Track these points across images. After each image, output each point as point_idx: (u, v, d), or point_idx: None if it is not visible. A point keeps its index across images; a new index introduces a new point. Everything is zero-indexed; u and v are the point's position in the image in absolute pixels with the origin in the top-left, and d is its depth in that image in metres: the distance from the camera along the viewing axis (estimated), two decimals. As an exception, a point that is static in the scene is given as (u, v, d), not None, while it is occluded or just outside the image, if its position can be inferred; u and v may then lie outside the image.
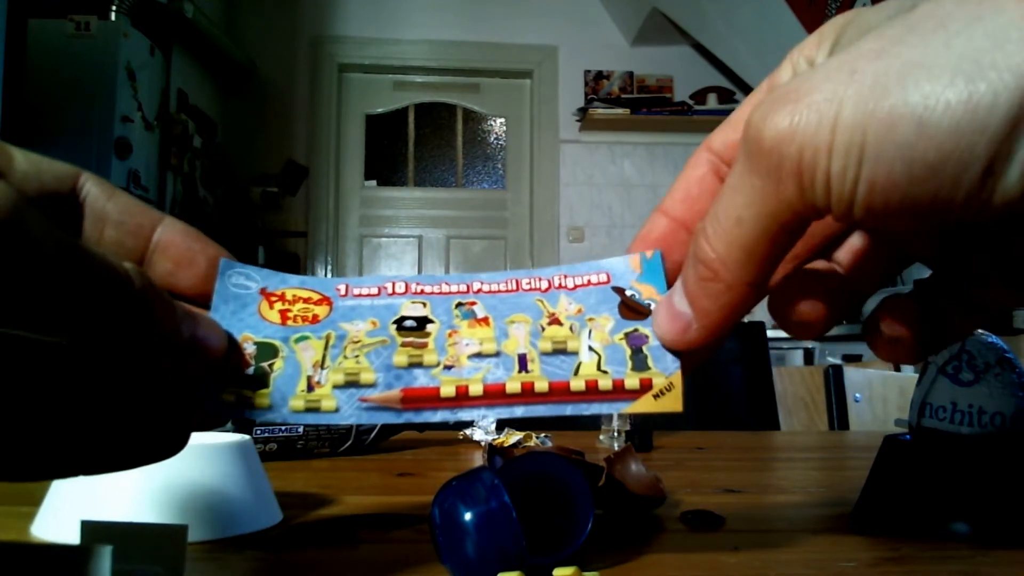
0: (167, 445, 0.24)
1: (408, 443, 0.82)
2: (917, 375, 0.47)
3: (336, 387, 0.25)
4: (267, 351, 0.26)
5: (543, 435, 0.77)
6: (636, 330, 0.27)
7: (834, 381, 1.49)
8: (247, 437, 0.47)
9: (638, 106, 3.75)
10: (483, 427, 0.84)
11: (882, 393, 1.53)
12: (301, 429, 0.69)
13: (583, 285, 0.29)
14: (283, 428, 0.68)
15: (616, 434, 0.82)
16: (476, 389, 0.26)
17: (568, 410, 0.26)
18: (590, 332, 0.27)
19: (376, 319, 0.27)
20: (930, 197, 0.19)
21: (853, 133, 0.20)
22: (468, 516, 0.32)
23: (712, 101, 3.82)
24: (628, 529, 0.43)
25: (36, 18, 2.51)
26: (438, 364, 0.26)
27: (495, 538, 0.32)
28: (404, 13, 3.87)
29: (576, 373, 0.27)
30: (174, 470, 0.41)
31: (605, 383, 0.26)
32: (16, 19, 2.35)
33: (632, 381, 0.26)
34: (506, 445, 0.76)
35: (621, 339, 0.27)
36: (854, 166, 0.20)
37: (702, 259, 0.24)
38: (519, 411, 0.26)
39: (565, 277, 0.29)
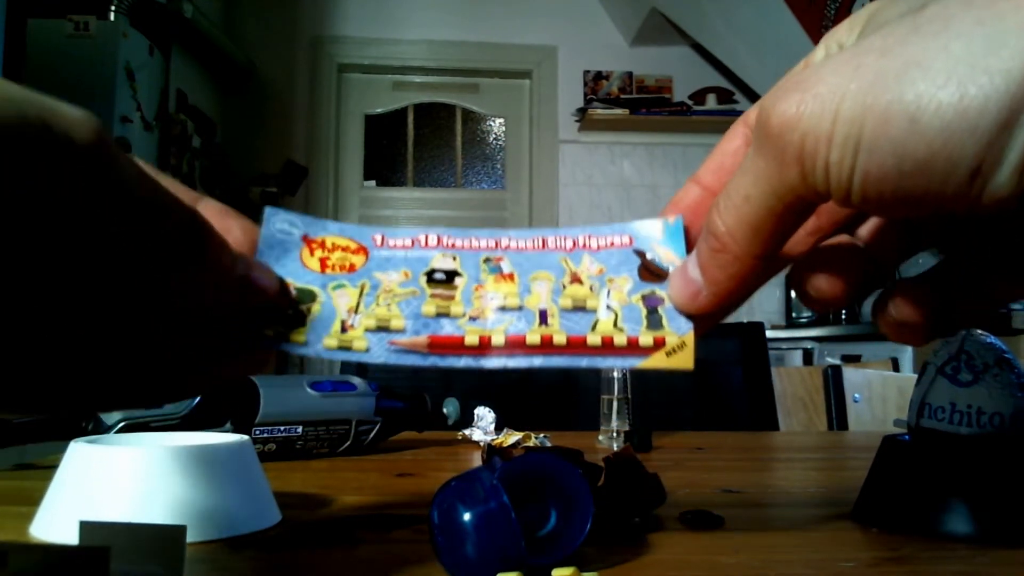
0: (216, 374, 0.27)
1: (407, 443, 0.82)
2: (916, 375, 0.47)
3: (368, 330, 0.27)
4: (306, 295, 0.28)
5: (542, 435, 0.78)
6: (653, 292, 0.29)
7: (833, 381, 1.49)
8: (246, 437, 0.47)
9: (637, 106, 3.75)
10: (482, 427, 0.84)
11: (881, 393, 1.53)
12: (300, 429, 0.69)
13: (606, 247, 0.30)
14: (282, 429, 0.68)
15: (615, 434, 0.82)
16: (498, 339, 0.28)
17: (584, 362, 0.28)
18: (609, 292, 0.29)
19: (408, 270, 0.29)
20: (921, 191, 0.21)
21: (851, 125, 0.21)
22: (467, 516, 0.32)
23: (711, 101, 3.82)
24: (628, 529, 0.43)
25: (35, 18, 2.51)
26: (464, 315, 0.28)
27: (494, 538, 0.32)
28: (403, 13, 3.87)
29: (593, 329, 0.28)
30: (173, 470, 0.41)
31: (620, 339, 0.28)
32: (16, 19, 2.35)
33: (646, 339, 0.28)
34: (505, 445, 0.76)
35: (638, 300, 0.29)
36: (851, 156, 0.21)
37: (713, 232, 0.25)
38: (537, 361, 0.28)
39: (590, 238, 0.31)
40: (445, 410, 0.85)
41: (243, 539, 0.40)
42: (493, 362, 0.28)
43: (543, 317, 0.28)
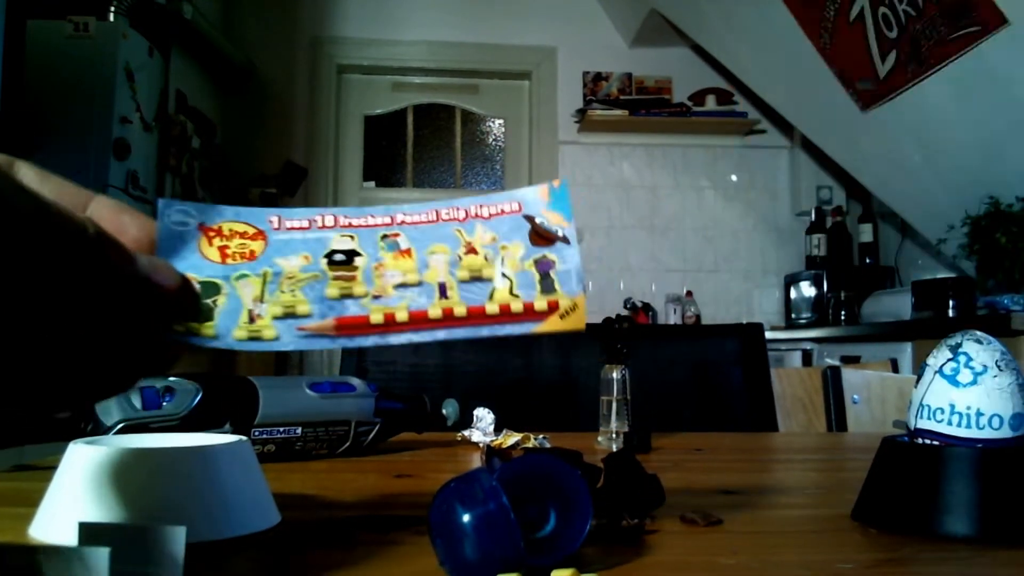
0: (127, 375, 0.27)
1: (406, 445, 0.82)
2: (915, 377, 0.47)
3: (275, 318, 0.28)
4: (211, 289, 0.28)
5: (541, 436, 0.77)
6: (544, 256, 0.30)
7: (832, 382, 1.49)
8: (245, 438, 0.47)
9: (637, 107, 3.75)
10: (481, 428, 0.83)
11: (880, 394, 1.53)
12: (299, 431, 0.69)
13: (497, 214, 0.31)
14: (281, 430, 0.68)
15: (614, 435, 0.82)
16: (402, 316, 0.29)
17: (484, 332, 0.29)
18: (503, 259, 0.30)
19: (309, 254, 0.29)
20: None
21: None
22: (466, 517, 0.32)
23: (711, 102, 3.82)
24: (627, 530, 0.43)
25: (35, 19, 2.51)
26: (367, 294, 0.29)
27: (493, 539, 0.32)
28: (403, 14, 3.87)
29: (491, 298, 0.29)
30: (173, 471, 0.41)
31: (517, 306, 0.29)
32: (15, 20, 2.35)
33: (541, 303, 0.29)
34: (504, 446, 0.76)
35: (531, 265, 0.30)
36: None
37: None
38: (441, 334, 0.29)
39: (481, 207, 0.32)
40: (444, 411, 0.84)
41: (243, 540, 0.40)
42: (399, 338, 0.28)
43: (442, 290, 0.29)
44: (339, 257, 0.29)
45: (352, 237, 0.30)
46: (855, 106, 2.90)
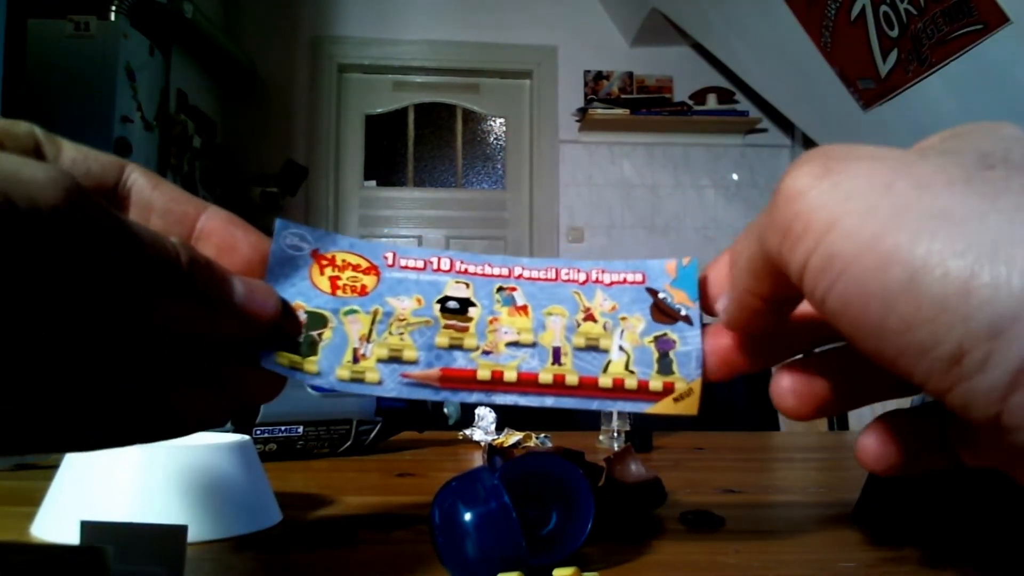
0: (224, 409, 0.26)
1: (408, 443, 0.82)
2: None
3: (380, 361, 0.27)
4: (317, 321, 0.27)
5: (543, 435, 0.78)
6: (665, 334, 0.28)
7: (834, 381, 1.49)
8: (247, 437, 0.47)
9: (638, 106, 3.75)
10: (483, 427, 0.83)
11: (882, 393, 1.53)
12: (301, 429, 0.69)
13: (619, 282, 0.30)
14: (283, 429, 0.68)
15: (616, 434, 0.82)
16: (511, 376, 0.27)
17: (595, 405, 0.28)
18: (622, 332, 0.29)
19: (421, 296, 0.28)
20: (895, 349, 0.18)
21: (846, 245, 0.18)
22: (468, 516, 0.32)
23: (712, 101, 3.82)
24: (628, 529, 0.43)
25: (36, 18, 2.51)
26: (477, 348, 0.28)
27: (495, 538, 0.32)
28: (404, 13, 3.87)
29: (605, 370, 0.28)
30: (174, 470, 0.41)
31: (631, 382, 0.28)
32: (16, 19, 2.35)
33: (656, 383, 0.28)
34: (506, 445, 0.76)
35: (651, 342, 0.28)
36: (833, 275, 0.19)
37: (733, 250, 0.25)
38: (549, 401, 0.28)
39: (603, 272, 0.30)
40: (446, 410, 0.85)
41: (244, 539, 0.40)
42: (504, 399, 0.27)
43: (556, 356, 0.28)
44: (453, 305, 0.28)
45: (467, 285, 0.29)
46: (856, 105, 2.90)
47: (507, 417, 0.86)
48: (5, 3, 2.12)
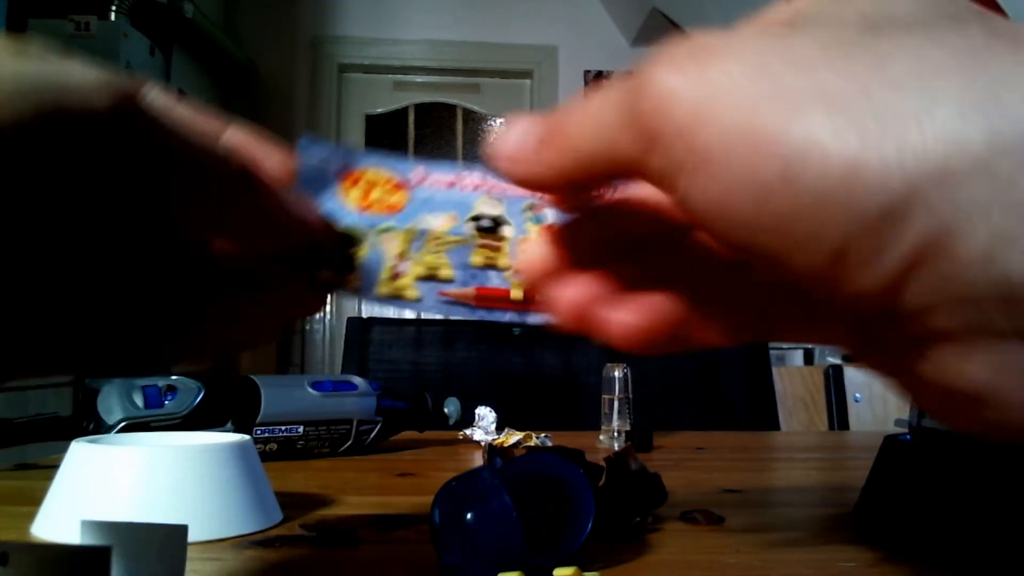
0: (274, 324, 0.26)
1: (408, 443, 0.82)
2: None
3: (418, 279, 0.27)
4: (353, 238, 0.27)
5: (543, 435, 0.78)
6: None
7: (834, 381, 1.49)
8: (247, 437, 0.47)
9: (638, 106, 3.75)
10: (483, 427, 0.84)
11: (882, 393, 1.53)
12: (301, 429, 0.69)
13: None
14: (283, 429, 0.68)
15: (616, 434, 0.82)
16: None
17: None
18: None
19: (456, 214, 0.28)
20: (772, 249, 0.16)
21: (718, 141, 0.16)
22: (468, 516, 0.32)
23: (712, 101, 3.82)
24: (628, 529, 0.43)
25: (36, 18, 2.51)
26: (510, 268, 0.27)
27: (496, 538, 0.32)
28: (404, 13, 3.87)
29: None
30: (175, 470, 0.41)
31: None
32: (17, 19, 2.35)
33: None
34: (506, 445, 0.76)
35: None
36: (705, 178, 0.16)
37: (551, 123, 0.20)
38: None
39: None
40: (446, 410, 0.85)
41: (244, 539, 0.40)
42: (536, 319, 0.27)
43: None
44: (486, 223, 0.28)
45: (499, 202, 0.28)
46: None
47: (508, 417, 0.86)
48: (6, 3, 2.12)
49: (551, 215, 0.28)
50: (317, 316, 3.82)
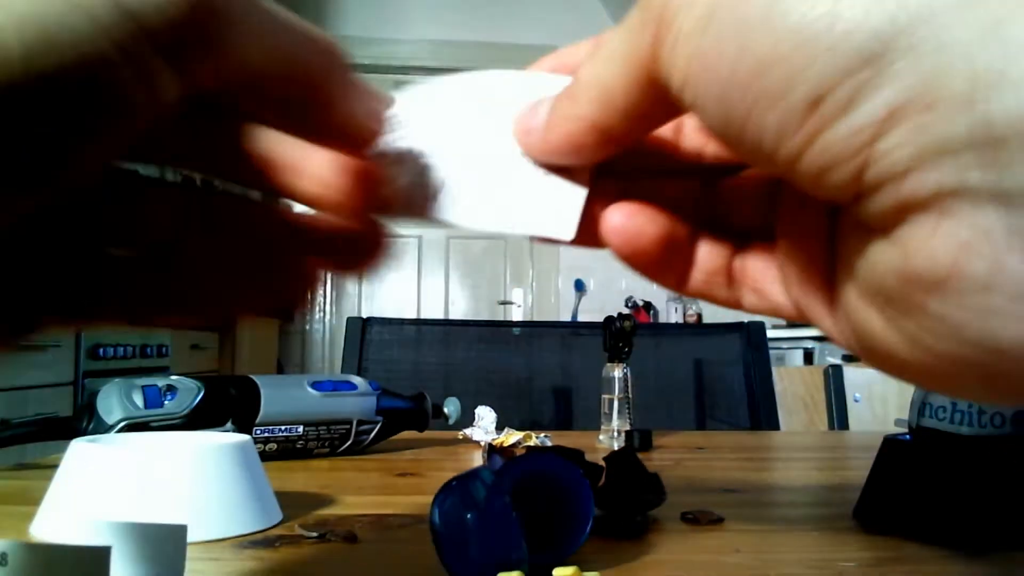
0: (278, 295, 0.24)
1: (408, 443, 0.82)
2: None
3: None
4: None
5: (543, 435, 0.78)
6: None
7: (834, 381, 1.49)
8: (247, 437, 0.47)
9: (638, 106, 3.75)
10: (483, 427, 0.84)
11: (882, 393, 1.53)
12: (301, 429, 0.69)
13: None
14: (283, 429, 0.68)
15: (616, 434, 0.82)
16: None
17: None
18: None
19: None
20: (743, 108, 0.16)
21: None
22: (468, 516, 0.32)
23: (712, 101, 3.82)
24: (628, 529, 0.43)
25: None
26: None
27: (495, 538, 0.32)
28: (404, 13, 3.87)
29: None
30: (174, 470, 0.41)
31: None
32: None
33: None
34: (506, 445, 0.76)
35: None
36: (697, 34, 0.16)
37: (576, 77, 0.21)
38: None
39: None
40: (446, 410, 0.84)
41: (244, 539, 0.40)
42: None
43: None
44: None
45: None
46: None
47: (507, 416, 0.86)
48: (5, 3, 2.12)
49: None
50: (317, 316, 3.82)
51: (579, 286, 3.86)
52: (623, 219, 0.22)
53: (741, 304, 0.23)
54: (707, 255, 0.23)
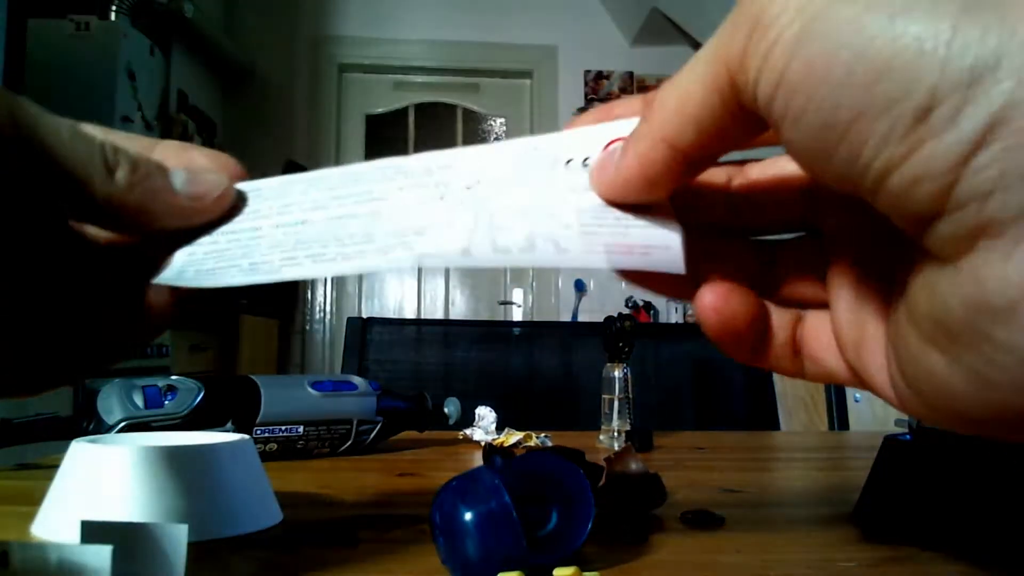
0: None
1: (408, 443, 0.82)
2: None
3: None
4: None
5: (543, 435, 0.78)
6: None
7: (834, 381, 1.49)
8: (247, 437, 0.47)
9: (638, 106, 3.75)
10: (483, 427, 0.84)
11: (882, 393, 1.53)
12: (301, 429, 0.69)
13: None
14: (283, 429, 0.68)
15: (616, 434, 0.82)
16: None
17: None
18: None
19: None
20: (850, 115, 0.16)
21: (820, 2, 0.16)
22: (468, 516, 0.32)
23: (712, 101, 3.82)
24: (628, 529, 0.43)
25: (36, 18, 2.51)
26: None
27: (495, 538, 0.32)
28: (404, 13, 3.87)
29: None
30: (175, 470, 0.41)
31: None
32: (16, 19, 2.35)
33: None
34: (506, 445, 0.76)
35: None
36: (791, 43, 0.16)
37: (652, 98, 0.21)
38: None
39: None
40: (446, 410, 0.85)
41: (244, 539, 0.40)
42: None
43: None
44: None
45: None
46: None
47: (507, 416, 0.86)
48: (5, 3, 2.12)
49: None
50: (317, 316, 3.82)
51: (579, 286, 3.86)
52: (717, 300, 0.22)
53: (804, 373, 0.24)
54: (777, 329, 0.24)
